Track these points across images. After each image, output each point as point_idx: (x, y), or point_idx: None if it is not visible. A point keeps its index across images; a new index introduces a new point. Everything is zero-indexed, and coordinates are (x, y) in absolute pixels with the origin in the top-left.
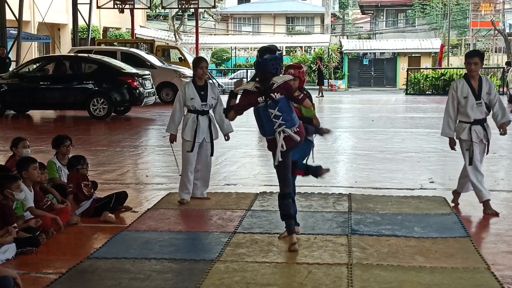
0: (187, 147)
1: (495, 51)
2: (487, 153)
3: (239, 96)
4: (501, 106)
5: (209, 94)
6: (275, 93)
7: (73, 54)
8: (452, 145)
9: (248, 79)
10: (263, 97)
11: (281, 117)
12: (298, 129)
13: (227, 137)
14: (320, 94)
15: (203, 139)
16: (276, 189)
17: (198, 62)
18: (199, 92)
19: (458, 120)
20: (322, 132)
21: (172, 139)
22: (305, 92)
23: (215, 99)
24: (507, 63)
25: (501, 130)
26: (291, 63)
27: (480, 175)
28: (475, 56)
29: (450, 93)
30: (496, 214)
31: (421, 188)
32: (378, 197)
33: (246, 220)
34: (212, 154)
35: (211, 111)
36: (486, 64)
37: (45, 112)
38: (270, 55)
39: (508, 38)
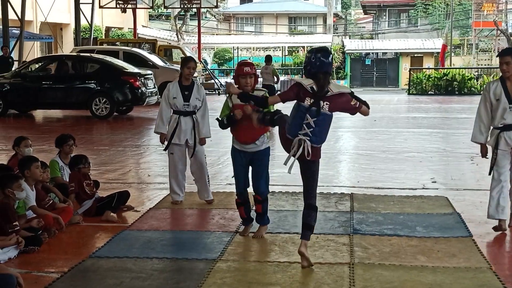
0: (171, 149)
1: (498, 51)
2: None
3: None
4: None
5: (193, 94)
6: (325, 103)
7: (75, 54)
8: (483, 152)
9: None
10: (312, 101)
11: (312, 129)
12: (316, 150)
13: (202, 142)
14: None
15: (185, 141)
16: (277, 188)
17: (186, 61)
18: (183, 92)
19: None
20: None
21: (163, 138)
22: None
23: (199, 100)
24: None
25: None
26: (245, 61)
27: (499, 190)
28: (506, 55)
29: (482, 95)
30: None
31: (423, 188)
32: (380, 197)
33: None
34: (191, 157)
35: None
36: (488, 64)
37: (47, 111)
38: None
39: (511, 38)
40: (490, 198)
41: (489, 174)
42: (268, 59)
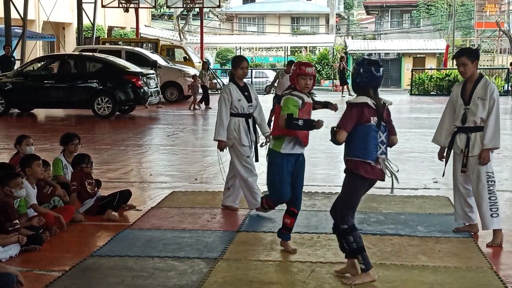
0: (246, 152)
1: (500, 52)
2: (462, 170)
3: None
4: (492, 123)
5: (252, 95)
6: (384, 119)
7: (77, 53)
8: (439, 154)
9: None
10: (377, 117)
11: (385, 145)
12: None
13: (268, 139)
14: (343, 94)
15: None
16: None
17: (240, 61)
18: (243, 93)
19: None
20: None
21: (222, 146)
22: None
23: (256, 100)
24: None
25: (480, 158)
26: (304, 61)
27: (458, 192)
28: (461, 56)
29: (450, 97)
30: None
31: (424, 188)
32: (381, 197)
33: (249, 218)
34: (257, 160)
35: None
36: (490, 65)
37: (50, 110)
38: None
39: None
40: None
41: (442, 175)
42: (291, 63)
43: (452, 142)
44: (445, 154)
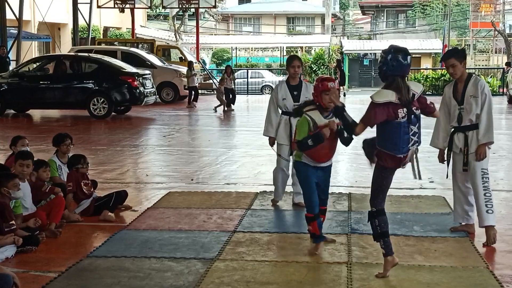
0: (283, 152)
1: (495, 52)
2: (464, 169)
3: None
4: (485, 118)
5: (302, 94)
6: (415, 107)
7: (73, 54)
8: (440, 157)
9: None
10: (405, 110)
11: (417, 135)
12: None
13: None
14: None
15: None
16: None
17: (290, 60)
18: (291, 92)
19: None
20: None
21: (272, 142)
22: None
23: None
24: (507, 64)
25: (476, 153)
26: (325, 76)
27: (459, 191)
28: (450, 58)
29: (442, 99)
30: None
31: (420, 188)
32: None
33: (246, 219)
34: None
35: None
36: (486, 65)
37: (45, 111)
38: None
39: (508, 38)
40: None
41: (447, 177)
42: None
43: (451, 142)
44: (445, 155)
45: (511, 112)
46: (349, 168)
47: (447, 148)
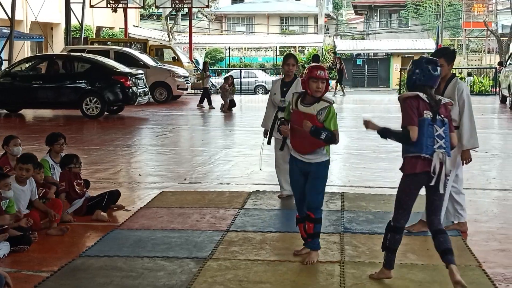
0: (276, 144)
1: (488, 52)
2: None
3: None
4: (467, 123)
5: (290, 90)
6: (441, 113)
7: (66, 53)
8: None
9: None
10: (430, 112)
11: (444, 140)
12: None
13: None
14: (335, 93)
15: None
16: (269, 187)
17: (286, 58)
18: (282, 88)
19: None
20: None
21: (265, 133)
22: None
23: None
24: (500, 64)
25: (462, 159)
26: (317, 64)
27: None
28: (438, 58)
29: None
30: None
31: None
32: (370, 196)
33: (239, 218)
34: (281, 149)
35: None
36: (478, 65)
37: (38, 111)
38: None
39: (501, 38)
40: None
41: None
42: (316, 59)
43: None
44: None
45: (504, 111)
46: (342, 168)
47: None
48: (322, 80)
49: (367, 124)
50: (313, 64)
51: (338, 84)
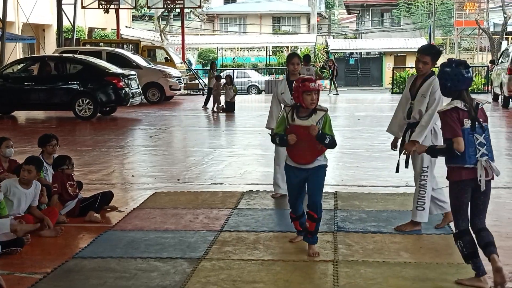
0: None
1: (480, 50)
2: (406, 166)
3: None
4: (425, 119)
5: None
6: (480, 119)
7: (58, 55)
8: (392, 144)
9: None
10: (470, 119)
11: (485, 146)
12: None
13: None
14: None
15: None
16: (262, 187)
17: (290, 58)
18: (290, 87)
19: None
20: None
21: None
22: None
23: None
24: (491, 62)
25: (402, 147)
26: (305, 76)
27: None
28: (426, 55)
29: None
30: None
31: (406, 186)
32: (363, 195)
33: (232, 218)
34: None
35: None
36: (470, 63)
37: (30, 113)
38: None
39: (493, 37)
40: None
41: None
42: (307, 59)
43: (404, 137)
44: (398, 144)
45: (496, 109)
46: (335, 167)
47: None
48: (315, 91)
49: (412, 148)
50: (302, 76)
51: (332, 82)
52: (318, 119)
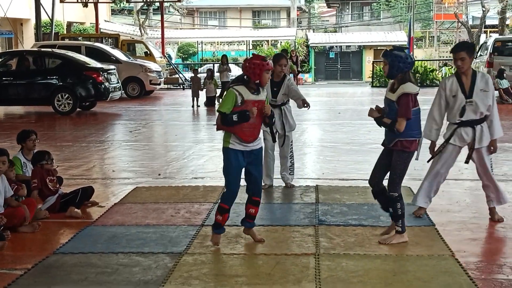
0: (267, 138)
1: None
2: (467, 161)
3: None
4: (495, 113)
5: (281, 91)
6: None
7: (36, 49)
8: (431, 149)
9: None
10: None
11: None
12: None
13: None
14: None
15: (276, 131)
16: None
17: (278, 59)
18: (272, 88)
19: (448, 122)
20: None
21: None
22: None
23: (286, 95)
24: None
25: (493, 147)
26: (258, 55)
27: (435, 181)
28: (460, 51)
29: (438, 92)
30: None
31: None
32: (344, 188)
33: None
34: (281, 145)
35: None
36: (450, 57)
37: (9, 108)
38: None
39: (471, 30)
40: (422, 186)
41: (428, 161)
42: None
43: (451, 135)
44: (439, 147)
45: None
46: (316, 161)
47: (444, 140)
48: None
49: (372, 112)
50: (261, 55)
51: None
52: (266, 94)
